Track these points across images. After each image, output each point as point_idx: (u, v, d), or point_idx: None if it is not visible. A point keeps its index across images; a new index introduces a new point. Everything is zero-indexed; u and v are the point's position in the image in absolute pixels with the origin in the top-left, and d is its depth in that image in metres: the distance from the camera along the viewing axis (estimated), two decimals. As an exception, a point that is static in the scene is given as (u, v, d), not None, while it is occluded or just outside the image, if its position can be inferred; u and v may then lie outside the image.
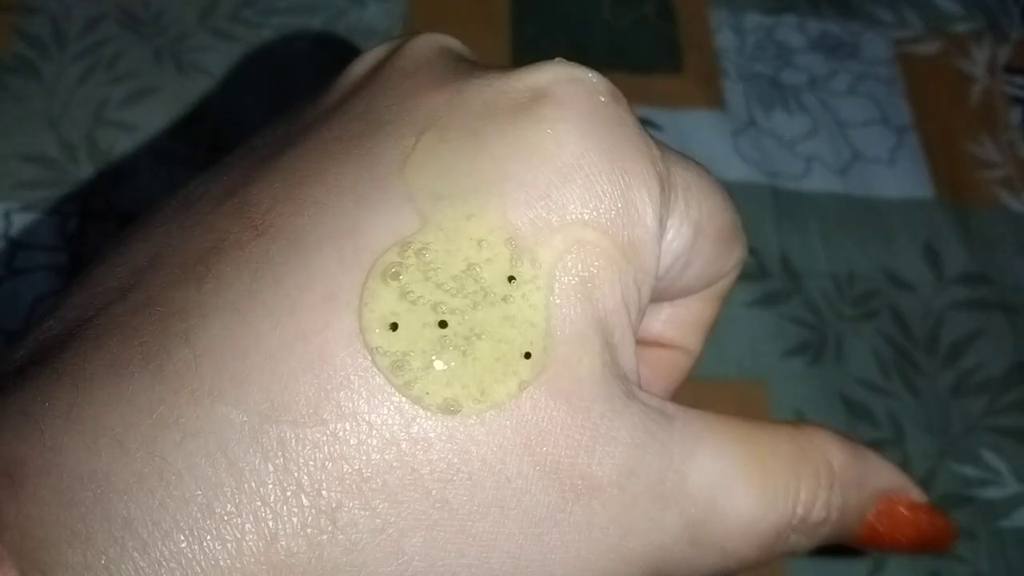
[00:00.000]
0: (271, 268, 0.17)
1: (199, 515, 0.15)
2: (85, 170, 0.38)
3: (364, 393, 0.16)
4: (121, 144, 0.39)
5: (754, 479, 0.20)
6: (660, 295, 0.23)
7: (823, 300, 0.39)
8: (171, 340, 0.16)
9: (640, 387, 0.20)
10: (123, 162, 0.38)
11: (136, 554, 0.15)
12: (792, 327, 0.38)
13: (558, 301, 0.18)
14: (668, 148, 0.21)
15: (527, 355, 0.17)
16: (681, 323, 0.26)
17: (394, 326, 0.17)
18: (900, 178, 0.42)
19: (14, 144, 0.38)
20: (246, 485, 0.15)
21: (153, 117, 0.40)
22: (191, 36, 0.42)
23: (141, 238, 0.19)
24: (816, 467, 0.21)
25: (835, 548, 0.22)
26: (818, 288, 0.39)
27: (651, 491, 0.19)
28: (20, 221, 0.37)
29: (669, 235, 0.21)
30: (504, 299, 0.17)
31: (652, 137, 0.20)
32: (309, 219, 0.17)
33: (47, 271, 0.36)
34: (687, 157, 0.22)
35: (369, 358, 0.16)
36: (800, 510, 0.20)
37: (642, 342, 0.25)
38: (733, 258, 0.24)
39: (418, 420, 0.17)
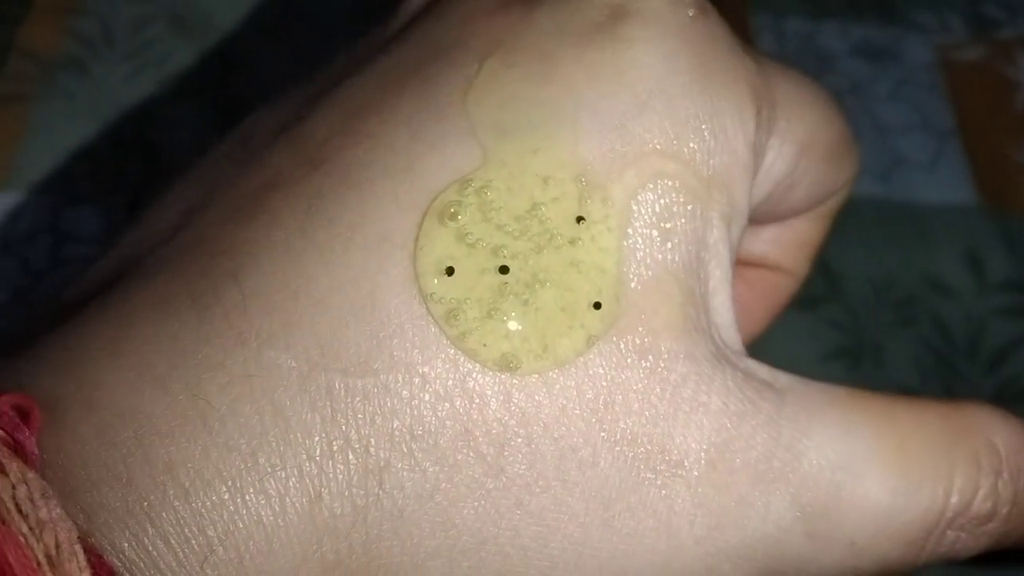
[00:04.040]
0: (324, 206, 0.16)
1: (242, 466, 0.14)
2: (133, 166, 0.39)
3: (418, 343, 0.15)
4: (169, 141, 0.39)
5: (892, 461, 0.17)
6: (763, 217, 0.21)
7: (862, 305, 0.38)
8: (219, 279, 0.15)
9: (744, 353, 0.17)
10: (170, 158, 0.39)
11: (177, 503, 0.14)
12: (831, 332, 0.38)
13: (632, 243, 0.16)
14: (767, 60, 0.19)
15: (596, 305, 0.16)
16: (786, 244, 0.23)
17: (450, 271, 0.15)
18: (942, 184, 0.42)
19: (64, 140, 0.39)
20: (292, 436, 0.14)
21: (200, 115, 0.40)
22: (239, 37, 0.43)
23: (195, 177, 0.18)
24: (975, 449, 0.17)
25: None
26: (857, 293, 0.39)
27: (752, 471, 0.16)
28: (68, 215, 0.37)
29: (769, 157, 0.18)
30: (571, 242, 0.16)
31: (750, 50, 0.18)
32: (364, 154, 0.16)
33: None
34: (789, 68, 0.19)
35: (423, 306, 0.15)
36: (956, 500, 0.17)
37: (742, 262, 0.22)
38: (844, 174, 0.21)
39: (473, 375, 0.15)
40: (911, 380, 0.37)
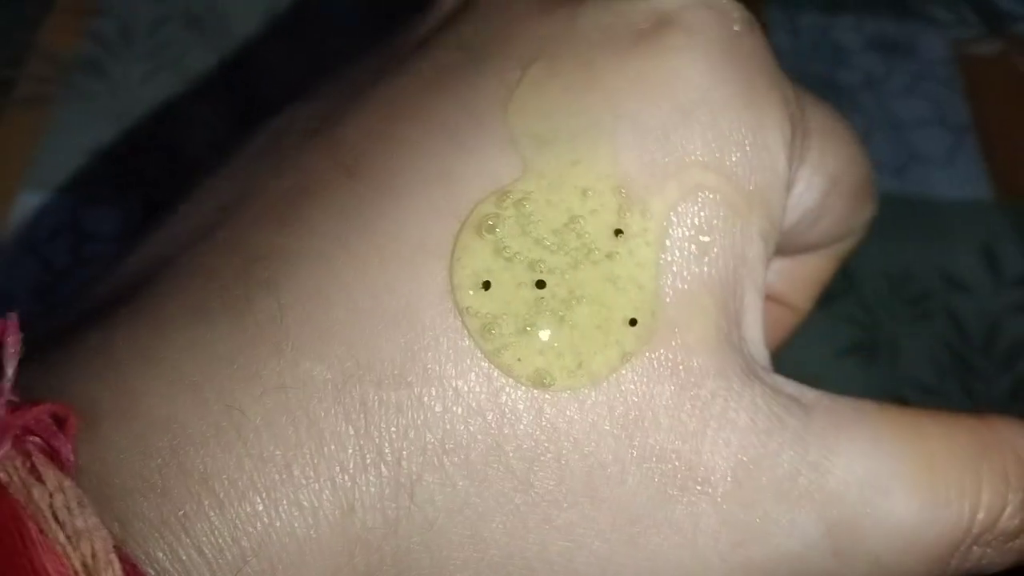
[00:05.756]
0: (360, 213, 0.15)
1: (276, 477, 0.14)
2: (151, 165, 0.39)
3: (452, 356, 0.15)
4: (186, 140, 0.40)
5: (920, 477, 0.16)
6: (782, 248, 0.20)
7: (878, 300, 0.38)
8: (254, 287, 0.15)
9: (771, 368, 0.17)
10: (187, 158, 0.39)
11: (212, 513, 0.14)
12: (846, 327, 0.37)
13: (670, 258, 0.16)
14: (803, 89, 0.18)
15: (632, 322, 0.15)
16: (794, 278, 0.23)
17: (487, 285, 0.15)
18: (958, 179, 0.42)
19: (81, 139, 0.39)
20: (326, 448, 0.14)
21: (217, 115, 0.41)
22: (255, 36, 0.43)
23: (228, 175, 0.18)
24: (1003, 465, 0.17)
25: None
26: (873, 288, 0.38)
27: (778, 488, 0.16)
28: (87, 213, 0.38)
29: (800, 187, 0.18)
30: (609, 256, 0.15)
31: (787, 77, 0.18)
32: (401, 160, 0.16)
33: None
34: (822, 100, 0.19)
35: (459, 319, 0.15)
36: (983, 516, 0.17)
37: None
38: (863, 215, 0.21)
39: (506, 390, 0.15)
40: (926, 376, 0.36)
